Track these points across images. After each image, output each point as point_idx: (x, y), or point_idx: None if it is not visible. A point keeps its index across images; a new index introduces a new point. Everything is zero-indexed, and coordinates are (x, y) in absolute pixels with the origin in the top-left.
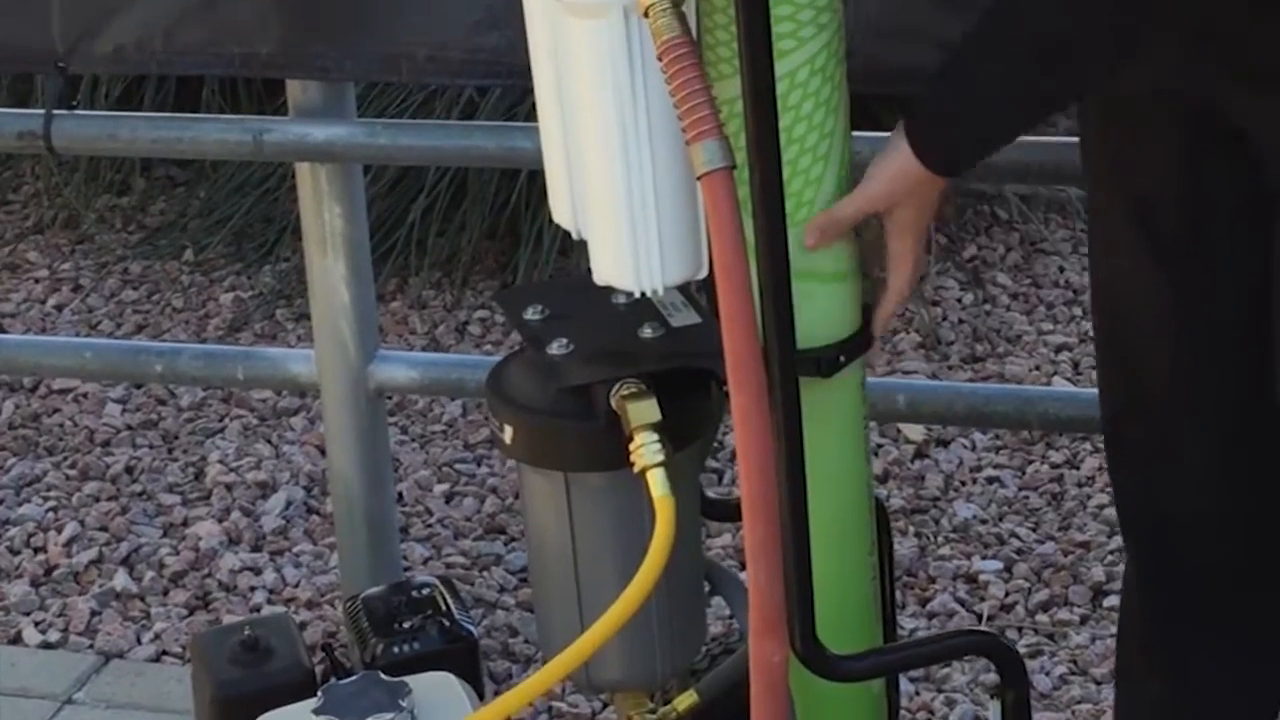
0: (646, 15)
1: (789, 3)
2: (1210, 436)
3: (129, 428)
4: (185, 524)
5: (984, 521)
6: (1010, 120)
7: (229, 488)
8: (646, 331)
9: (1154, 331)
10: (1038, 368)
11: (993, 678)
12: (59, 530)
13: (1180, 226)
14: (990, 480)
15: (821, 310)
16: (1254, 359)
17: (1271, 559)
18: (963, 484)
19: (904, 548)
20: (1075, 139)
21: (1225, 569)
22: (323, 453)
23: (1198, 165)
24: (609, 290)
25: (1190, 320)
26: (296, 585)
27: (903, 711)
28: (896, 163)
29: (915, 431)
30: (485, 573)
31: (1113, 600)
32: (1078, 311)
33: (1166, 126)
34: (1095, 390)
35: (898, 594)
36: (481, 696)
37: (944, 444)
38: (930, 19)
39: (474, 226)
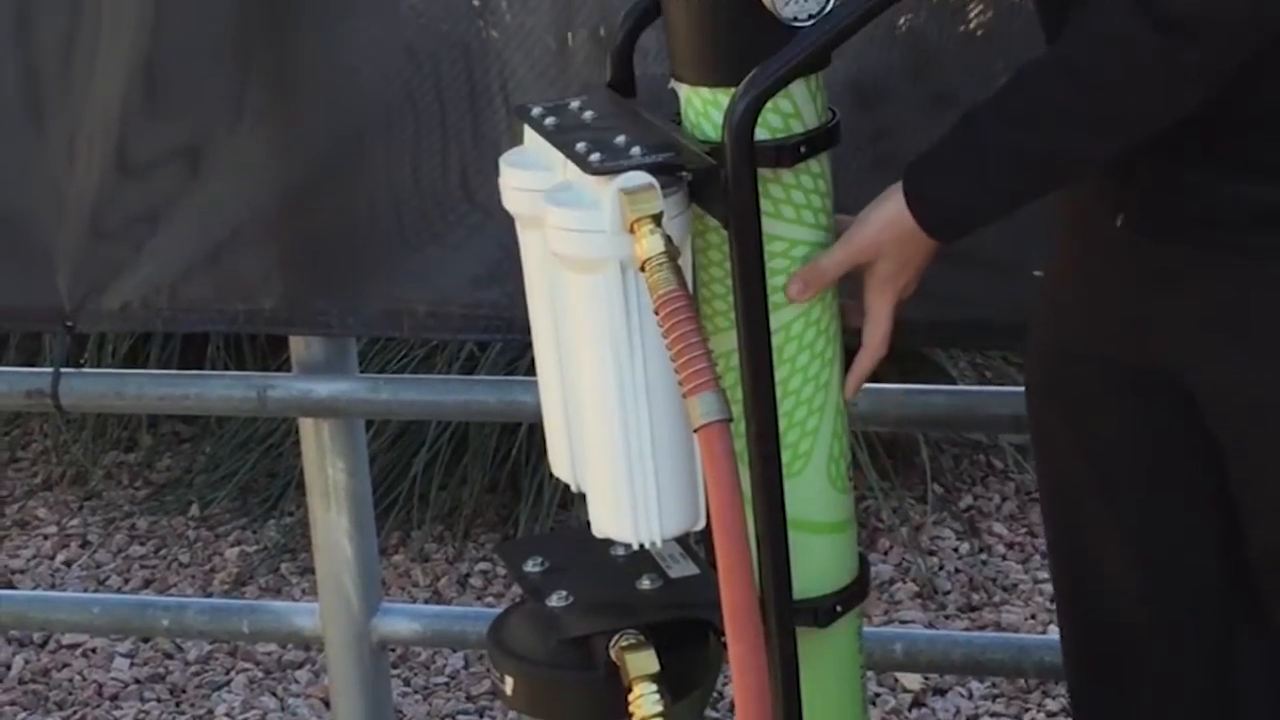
0: (643, 269)
1: (784, 256)
2: (1175, 693)
3: (137, 681)
4: None
5: None
6: (1008, 188)
7: None
8: (645, 583)
9: (1116, 595)
10: (1034, 616)
11: None
12: None
13: (1136, 489)
14: None
15: (817, 560)
16: (1222, 615)
17: None
18: None
19: None
20: None
21: None
22: (328, 705)
23: (1150, 430)
24: (608, 542)
25: (1156, 586)
26: None
27: None
28: (887, 213)
29: (913, 680)
30: None
31: None
32: None
33: (1116, 395)
34: None
35: None
36: None
37: (941, 693)
38: (943, 276)
39: (475, 480)
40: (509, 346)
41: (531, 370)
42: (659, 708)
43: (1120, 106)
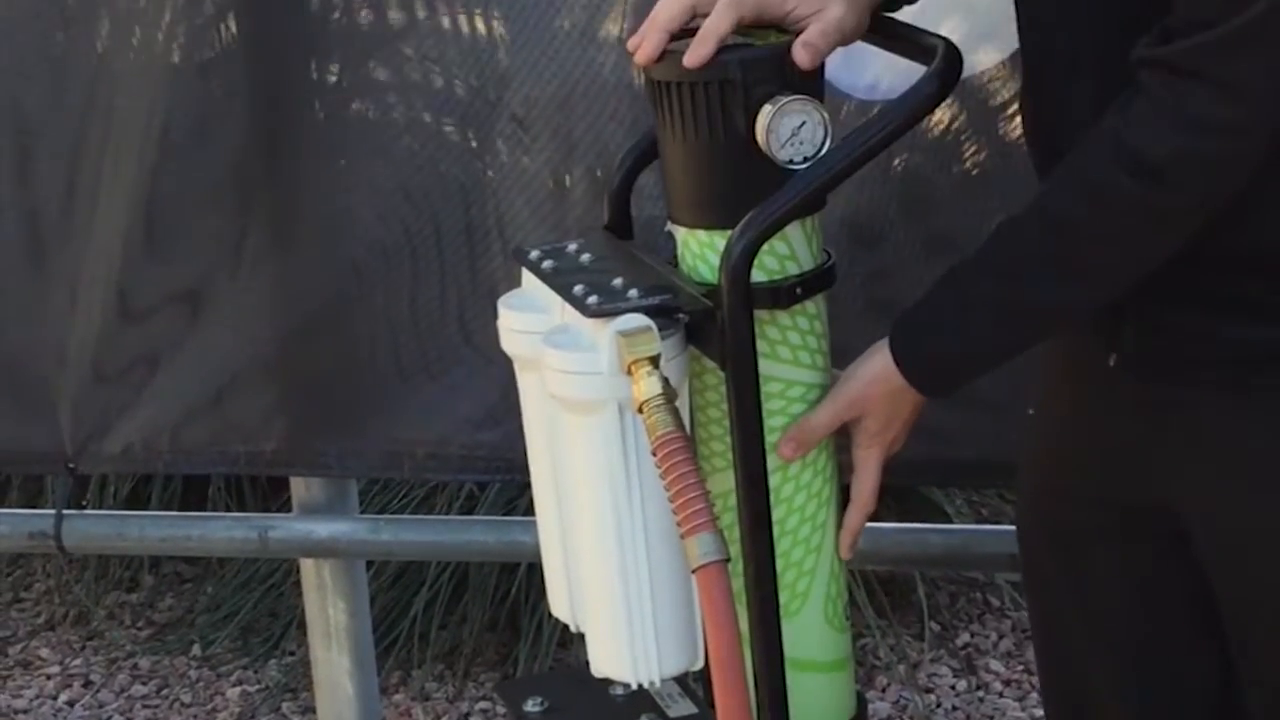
0: (641, 411)
1: (781, 397)
2: None
3: None
4: None
5: None
6: (995, 342)
7: None
8: None
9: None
10: None
11: None
12: None
13: (1129, 627)
14: None
15: (815, 699)
16: None
17: None
18: None
19: None
20: None
21: None
22: None
23: (1141, 568)
24: (607, 682)
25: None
26: None
27: None
28: (874, 368)
29: None
30: None
31: None
32: None
33: (1107, 533)
34: None
35: None
36: None
37: None
38: (928, 411)
39: (475, 619)
40: (508, 486)
41: (530, 510)
42: None
43: (1100, 256)
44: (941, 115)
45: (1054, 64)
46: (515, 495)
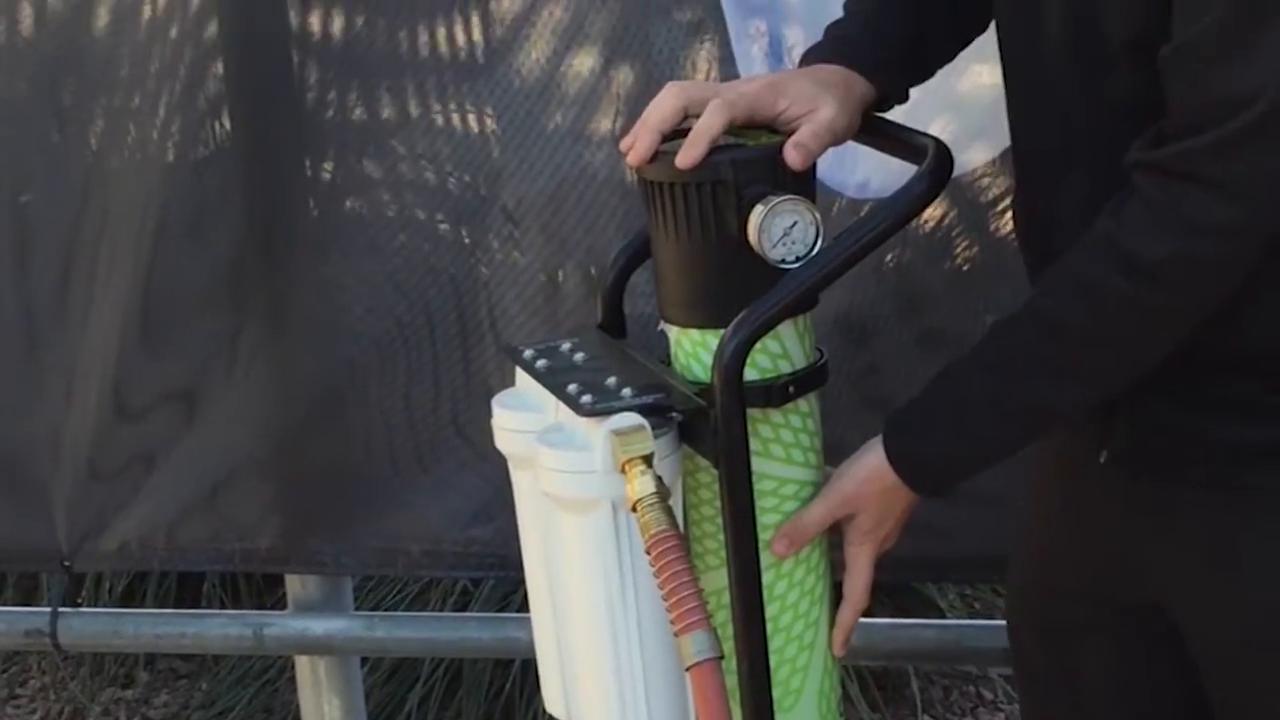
0: (635, 510)
1: (774, 494)
2: None
3: None
4: None
5: None
6: (988, 441)
7: None
8: None
9: None
10: None
11: None
12: None
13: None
14: None
15: None
16: None
17: None
18: None
19: None
20: None
21: None
22: None
23: (1131, 664)
24: None
25: None
26: None
27: None
28: (868, 467)
29: None
30: None
31: None
32: None
33: (1097, 629)
34: None
35: None
36: None
37: None
38: (920, 507)
39: (470, 715)
40: (502, 582)
41: (525, 606)
42: None
43: (1094, 356)
44: (933, 212)
45: (1045, 161)
46: (510, 591)
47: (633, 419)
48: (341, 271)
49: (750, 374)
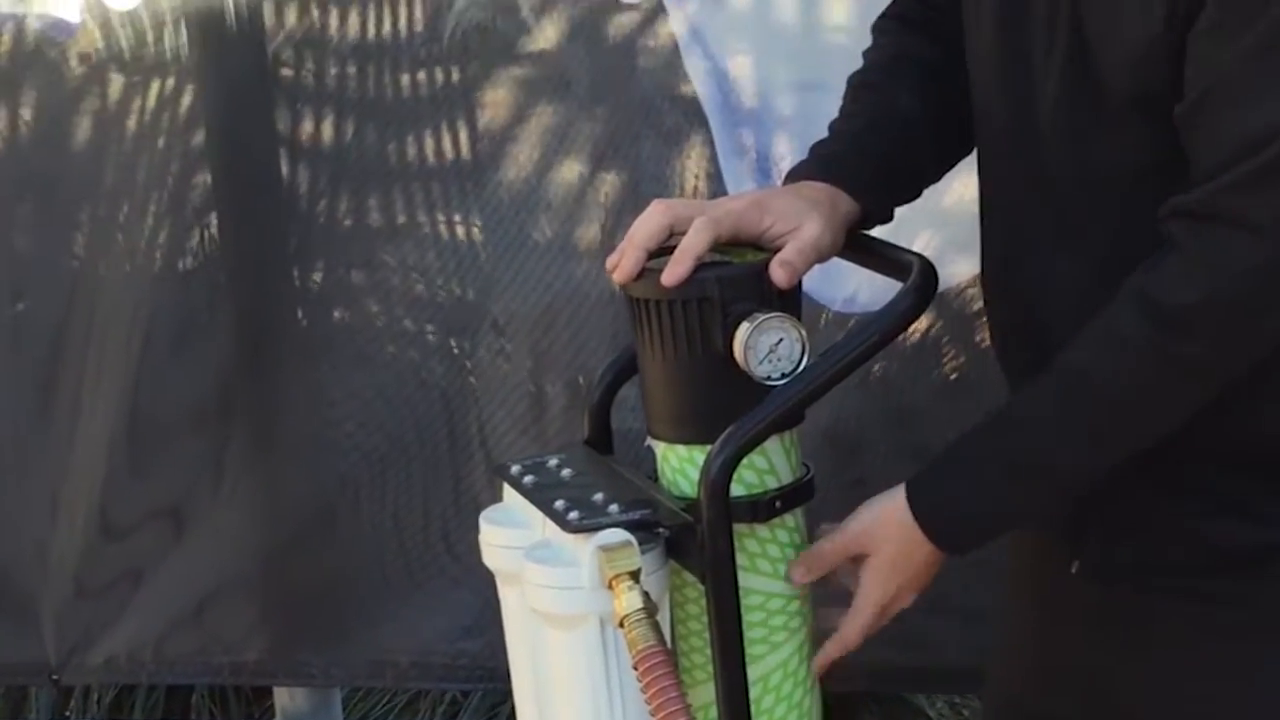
0: (622, 625)
1: (761, 609)
2: None
3: None
4: None
5: None
6: (1008, 502)
7: None
8: None
9: None
10: None
11: None
12: None
13: None
14: None
15: None
16: None
17: None
18: None
19: None
20: None
21: None
22: None
23: None
24: None
25: None
26: None
27: None
28: (889, 508)
29: None
30: None
31: None
32: None
33: None
34: None
35: None
36: None
37: None
38: (908, 619)
39: None
40: (490, 694)
41: (513, 718)
42: None
43: (1120, 412)
44: (919, 325)
45: (1029, 254)
46: (498, 702)
47: (619, 535)
48: (330, 383)
49: (737, 489)
